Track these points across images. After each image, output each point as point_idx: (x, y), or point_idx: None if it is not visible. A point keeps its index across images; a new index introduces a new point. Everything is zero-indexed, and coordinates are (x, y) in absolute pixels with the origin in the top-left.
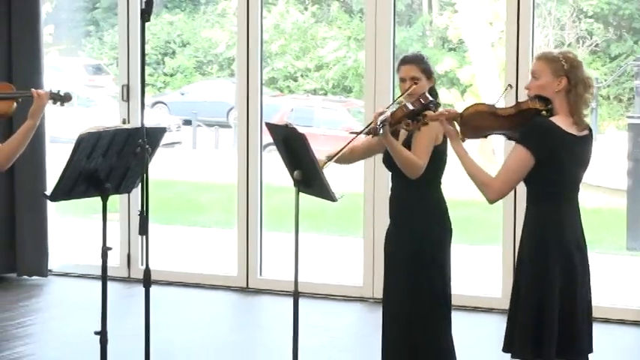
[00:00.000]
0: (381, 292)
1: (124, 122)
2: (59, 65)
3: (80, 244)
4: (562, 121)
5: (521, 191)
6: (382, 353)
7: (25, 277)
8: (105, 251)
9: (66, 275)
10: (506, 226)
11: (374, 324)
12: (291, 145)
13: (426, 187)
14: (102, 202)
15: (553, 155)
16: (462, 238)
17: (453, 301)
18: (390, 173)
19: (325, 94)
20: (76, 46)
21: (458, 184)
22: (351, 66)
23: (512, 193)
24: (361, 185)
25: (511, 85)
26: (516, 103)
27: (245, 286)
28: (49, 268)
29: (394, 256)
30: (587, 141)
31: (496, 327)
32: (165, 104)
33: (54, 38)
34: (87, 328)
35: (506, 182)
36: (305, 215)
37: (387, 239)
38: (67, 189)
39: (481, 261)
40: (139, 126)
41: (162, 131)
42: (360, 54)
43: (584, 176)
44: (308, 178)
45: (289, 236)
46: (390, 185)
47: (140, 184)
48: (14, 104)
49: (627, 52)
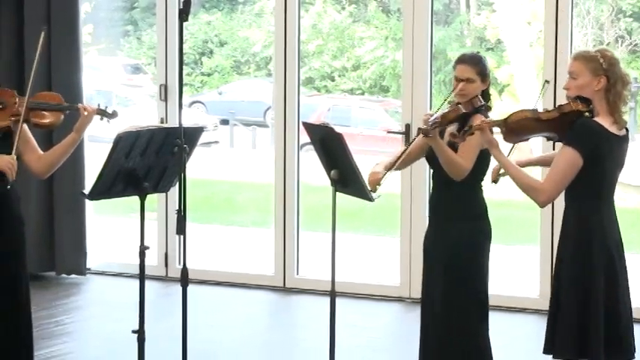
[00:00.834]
0: (418, 293)
1: (162, 122)
2: (98, 65)
3: (118, 243)
4: (604, 120)
5: None
6: (420, 354)
7: (63, 275)
8: (142, 250)
9: (104, 274)
10: (544, 226)
11: (411, 324)
12: (329, 144)
13: (467, 188)
14: (140, 201)
15: (598, 156)
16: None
17: (489, 302)
18: (428, 173)
19: (362, 94)
20: (115, 45)
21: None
22: (388, 66)
23: None
24: (398, 185)
25: (548, 80)
26: (558, 106)
27: (282, 285)
28: (88, 266)
29: (433, 256)
30: (626, 141)
31: (532, 327)
32: (202, 104)
33: (93, 38)
34: (125, 327)
35: (557, 184)
36: (342, 215)
37: (427, 239)
38: (106, 188)
39: (518, 261)
40: (177, 125)
41: (199, 131)
42: (397, 54)
43: (621, 176)
44: (345, 177)
45: (326, 236)
46: (427, 185)
47: (178, 184)
48: (62, 116)
49: None
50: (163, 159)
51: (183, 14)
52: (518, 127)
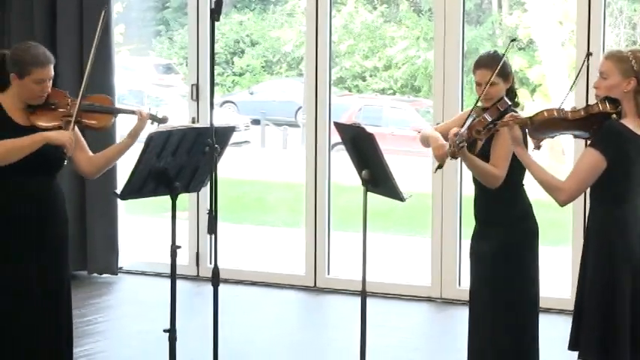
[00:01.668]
0: (448, 293)
1: (194, 121)
2: (130, 65)
3: (149, 242)
4: (631, 122)
5: None
6: (468, 354)
7: (95, 275)
8: (174, 250)
9: (135, 273)
10: (576, 227)
11: (442, 324)
12: (360, 144)
13: (508, 190)
14: (171, 201)
15: (624, 159)
16: None
17: None
18: (459, 173)
19: (394, 94)
20: (147, 45)
21: (528, 185)
22: (419, 65)
23: (583, 194)
24: (429, 185)
25: (591, 52)
26: (586, 107)
27: (313, 285)
28: (119, 266)
29: (478, 258)
30: None
31: (564, 328)
32: (234, 103)
33: (124, 38)
34: (156, 326)
35: (578, 185)
36: (373, 215)
37: (473, 240)
38: (137, 187)
39: (550, 262)
40: (208, 125)
41: (231, 130)
42: (428, 53)
43: None
44: (376, 177)
45: (357, 236)
46: (459, 185)
47: (209, 183)
48: (112, 119)
49: None
50: (195, 159)
51: (215, 14)
52: (544, 126)
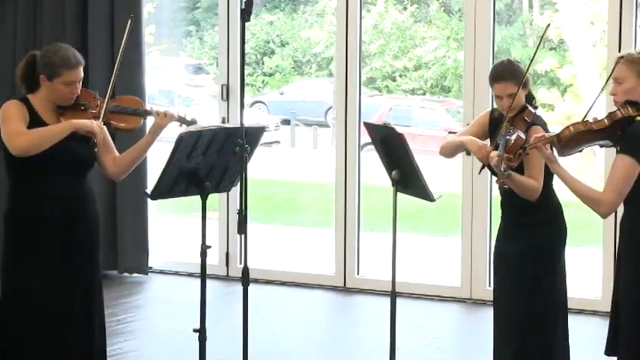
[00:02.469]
0: (479, 294)
1: (224, 121)
2: (160, 65)
3: (180, 242)
4: None
5: None
6: (494, 354)
7: (125, 274)
8: (204, 249)
9: (165, 273)
10: (607, 228)
11: (472, 325)
12: (390, 144)
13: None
14: (201, 201)
15: None
16: None
17: None
18: (489, 173)
19: (424, 94)
20: (177, 46)
21: (557, 186)
22: (450, 66)
23: None
24: (459, 185)
25: (622, 56)
26: (609, 114)
27: (342, 285)
28: (150, 265)
29: (506, 259)
30: None
31: (595, 329)
32: (264, 104)
33: (155, 38)
34: (186, 326)
35: (617, 194)
36: (403, 215)
37: (499, 241)
38: (168, 188)
39: (580, 263)
40: (239, 125)
41: (261, 130)
42: (459, 54)
43: None
44: (406, 178)
45: (387, 236)
46: (489, 185)
47: (239, 183)
48: (142, 120)
49: None
50: (225, 159)
51: (245, 14)
52: (572, 142)
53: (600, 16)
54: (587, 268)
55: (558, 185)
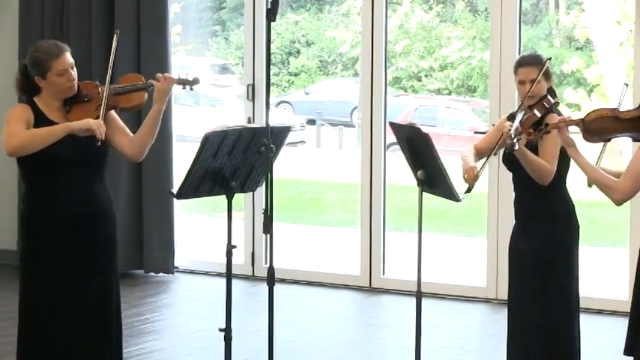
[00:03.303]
0: (505, 294)
1: (249, 121)
2: (186, 65)
3: (205, 241)
4: None
5: None
6: (508, 354)
7: (151, 274)
8: (230, 249)
9: (191, 272)
10: (634, 228)
11: (498, 325)
12: (415, 144)
13: (550, 188)
14: (227, 201)
15: None
16: (589, 240)
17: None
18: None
19: (449, 94)
20: (203, 46)
21: (582, 186)
22: (475, 65)
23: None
24: (485, 185)
25: (627, 83)
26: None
27: (368, 285)
28: (175, 265)
29: (520, 257)
30: None
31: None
32: (289, 103)
33: (181, 38)
34: (212, 325)
35: (633, 183)
36: (429, 215)
37: (513, 240)
38: (194, 187)
39: (608, 263)
40: (264, 125)
41: (286, 130)
42: (485, 54)
43: None
44: (432, 177)
45: (412, 236)
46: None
47: (264, 183)
48: (145, 95)
49: None
50: (250, 158)
51: (271, 14)
52: (597, 127)
53: (627, 15)
54: (615, 268)
55: (575, 187)
